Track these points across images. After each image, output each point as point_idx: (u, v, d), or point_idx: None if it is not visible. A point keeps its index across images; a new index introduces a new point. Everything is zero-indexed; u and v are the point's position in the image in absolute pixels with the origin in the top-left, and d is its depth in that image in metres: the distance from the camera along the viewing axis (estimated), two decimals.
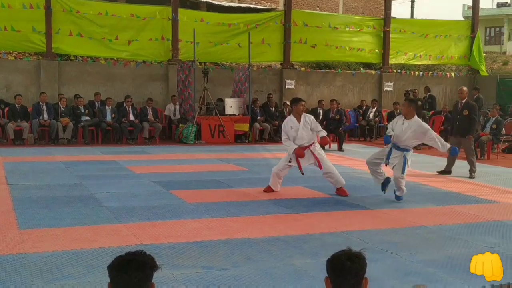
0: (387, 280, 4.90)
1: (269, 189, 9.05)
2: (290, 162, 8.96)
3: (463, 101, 11.38)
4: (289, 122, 8.92)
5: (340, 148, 15.65)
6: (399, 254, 5.75)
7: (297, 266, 5.29)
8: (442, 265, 5.40)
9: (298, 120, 8.87)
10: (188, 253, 5.63)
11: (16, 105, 15.71)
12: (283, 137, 8.96)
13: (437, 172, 11.50)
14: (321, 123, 16.78)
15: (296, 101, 9.12)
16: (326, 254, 2.94)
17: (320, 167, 8.92)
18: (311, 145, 8.89)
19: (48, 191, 8.72)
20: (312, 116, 9.14)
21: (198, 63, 17.84)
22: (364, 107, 19.72)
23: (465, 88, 11.71)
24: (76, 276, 4.86)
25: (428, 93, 19.68)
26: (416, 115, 8.67)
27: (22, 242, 5.87)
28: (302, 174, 9.21)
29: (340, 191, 8.92)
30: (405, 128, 8.49)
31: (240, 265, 5.29)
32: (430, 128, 8.65)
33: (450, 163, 11.36)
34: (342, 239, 6.17)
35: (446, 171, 11.42)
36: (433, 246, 6.13)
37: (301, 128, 8.80)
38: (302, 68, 21.03)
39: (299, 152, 8.77)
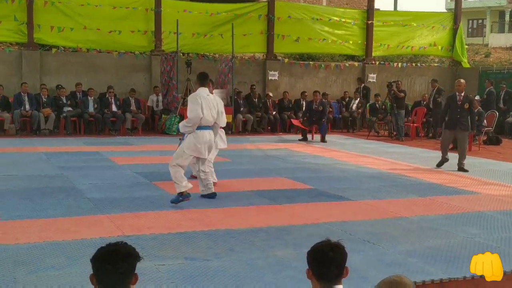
0: (369, 271, 4.94)
1: None
2: None
3: (462, 94, 10.92)
4: None
5: (323, 140, 15.69)
6: (380, 244, 5.80)
7: (280, 257, 5.31)
8: (423, 256, 5.45)
9: None
10: (170, 244, 5.63)
11: None
12: None
13: (437, 166, 11.19)
14: (304, 114, 16.86)
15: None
16: (308, 245, 2.96)
17: None
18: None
19: (30, 182, 8.65)
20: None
21: (181, 54, 17.75)
22: (347, 99, 19.80)
23: (462, 81, 11.19)
24: (58, 267, 4.84)
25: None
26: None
27: (3, 233, 5.82)
28: None
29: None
30: None
31: (223, 256, 5.30)
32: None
33: (445, 153, 11.12)
34: (325, 230, 6.19)
35: (443, 161, 11.16)
36: (415, 236, 6.19)
37: None
38: (286, 60, 21.01)
39: None
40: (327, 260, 2.70)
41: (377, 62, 21.77)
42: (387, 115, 17.84)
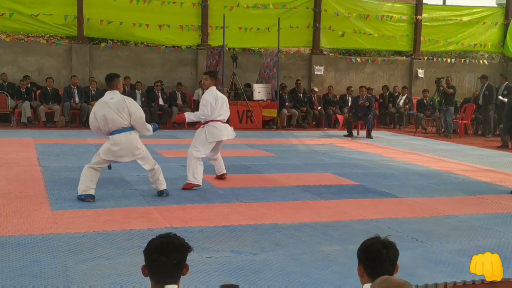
0: (417, 269, 4.87)
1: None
2: None
3: None
4: None
5: (368, 135, 15.54)
6: (429, 243, 5.71)
7: (326, 252, 5.29)
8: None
9: None
10: (217, 237, 5.67)
11: (48, 88, 15.94)
12: None
13: None
14: (350, 109, 16.72)
15: None
16: (355, 241, 2.95)
17: None
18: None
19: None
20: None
21: (227, 48, 17.83)
22: (396, 93, 19.44)
23: None
24: (108, 257, 4.93)
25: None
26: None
27: (54, 222, 5.98)
28: None
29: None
30: None
31: (269, 250, 5.31)
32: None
33: None
34: (371, 227, 6.13)
35: None
36: (464, 235, 6.07)
37: None
38: (331, 54, 20.86)
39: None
40: (381, 257, 2.69)
41: (425, 58, 21.41)
42: (435, 112, 17.55)
